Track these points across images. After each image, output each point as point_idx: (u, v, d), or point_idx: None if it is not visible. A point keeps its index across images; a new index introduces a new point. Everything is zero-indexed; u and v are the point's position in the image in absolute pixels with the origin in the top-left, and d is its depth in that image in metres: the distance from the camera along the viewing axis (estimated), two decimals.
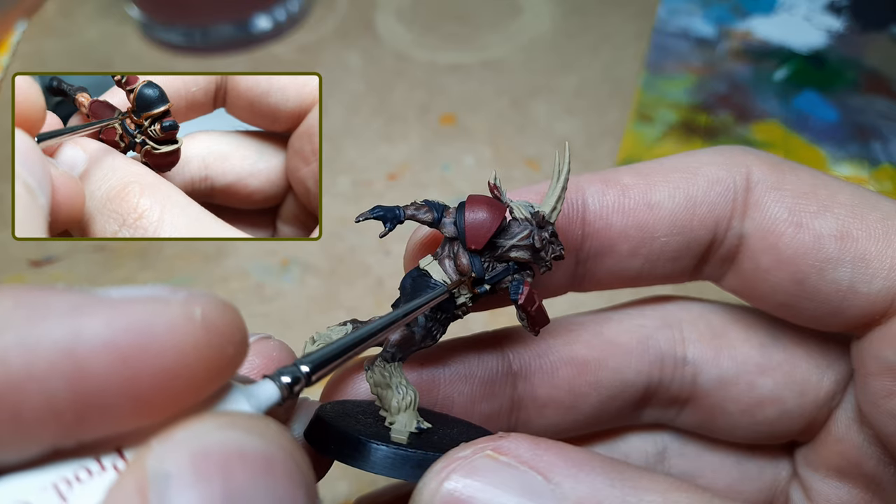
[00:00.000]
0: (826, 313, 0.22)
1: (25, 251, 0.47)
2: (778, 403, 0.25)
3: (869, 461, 0.24)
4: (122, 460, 0.14)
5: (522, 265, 0.22)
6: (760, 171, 0.23)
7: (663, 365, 0.25)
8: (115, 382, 0.13)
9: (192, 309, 0.14)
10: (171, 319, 0.14)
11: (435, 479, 0.17)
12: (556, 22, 0.64)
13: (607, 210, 0.23)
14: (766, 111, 0.52)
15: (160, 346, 0.14)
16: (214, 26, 0.59)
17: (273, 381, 0.16)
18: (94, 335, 0.13)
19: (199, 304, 0.14)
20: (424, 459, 0.18)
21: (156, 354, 0.14)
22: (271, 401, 0.16)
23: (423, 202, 0.22)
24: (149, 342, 0.13)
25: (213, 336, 0.14)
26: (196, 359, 0.14)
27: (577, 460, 0.17)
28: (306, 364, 0.17)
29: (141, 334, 0.13)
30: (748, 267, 0.23)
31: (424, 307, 0.21)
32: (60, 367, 0.13)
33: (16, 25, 0.64)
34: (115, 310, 0.14)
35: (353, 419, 0.21)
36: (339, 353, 0.18)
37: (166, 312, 0.14)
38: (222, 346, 0.15)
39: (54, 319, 0.13)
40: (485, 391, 0.24)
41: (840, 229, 0.21)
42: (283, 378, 0.16)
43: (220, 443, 0.14)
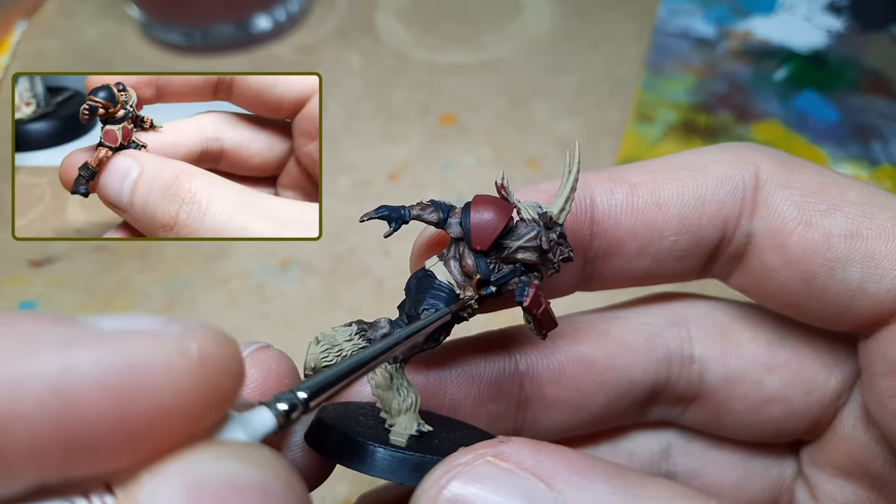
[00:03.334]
0: (834, 313, 0.22)
1: (25, 251, 0.47)
2: (784, 402, 0.24)
3: (875, 461, 0.23)
4: (111, 496, 0.14)
5: (530, 267, 0.21)
6: (769, 168, 0.22)
7: (670, 363, 0.25)
8: (107, 421, 0.13)
9: (189, 344, 0.14)
10: (166, 356, 0.13)
11: (434, 486, 0.16)
12: (556, 22, 0.64)
13: (616, 209, 0.23)
14: (766, 111, 0.52)
15: (154, 384, 0.13)
16: (214, 26, 0.59)
17: (269, 408, 0.16)
18: (84, 372, 0.12)
19: (196, 339, 0.14)
20: (422, 463, 0.18)
21: (150, 393, 0.13)
22: (267, 429, 0.16)
23: (429, 202, 0.21)
24: (143, 380, 0.13)
25: (209, 372, 0.14)
26: (191, 396, 0.13)
27: (579, 467, 0.16)
28: (304, 390, 0.16)
29: (134, 372, 0.13)
30: (756, 266, 0.23)
31: (426, 329, 0.20)
32: (48, 405, 0.12)
33: (16, 25, 0.64)
34: (108, 345, 0.13)
35: (354, 421, 0.20)
36: (337, 379, 0.17)
37: (161, 348, 0.13)
38: (219, 381, 0.14)
39: (43, 354, 0.12)
40: (492, 392, 0.24)
41: (850, 228, 0.21)
42: (279, 405, 0.16)
43: (214, 474, 0.13)
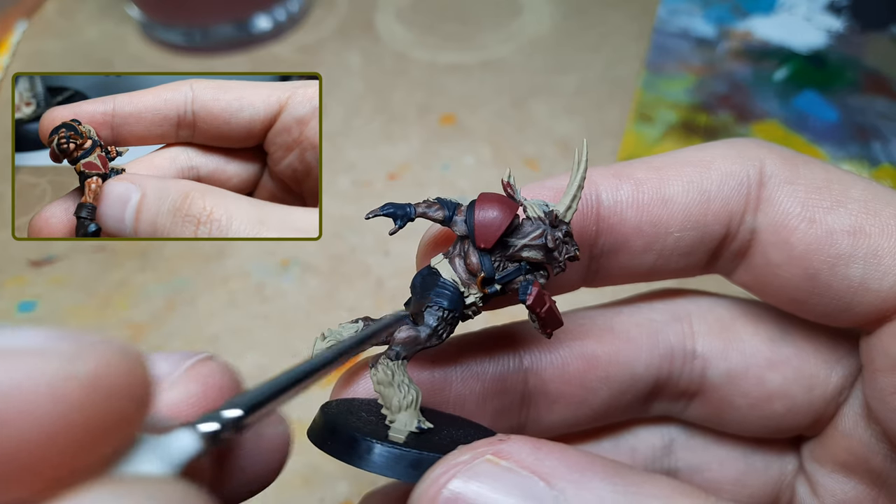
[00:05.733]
0: (836, 309, 0.22)
1: (25, 251, 0.47)
2: (786, 398, 0.24)
3: (875, 457, 0.24)
4: None
5: (535, 265, 0.21)
6: (773, 164, 0.22)
7: (673, 358, 0.25)
8: None
9: (76, 365, 0.12)
10: (49, 378, 0.12)
11: (434, 485, 0.16)
12: (556, 22, 0.64)
13: (622, 205, 0.23)
14: (766, 111, 0.52)
15: (34, 410, 0.11)
16: (214, 26, 0.59)
17: (191, 430, 0.14)
18: None
19: (87, 358, 0.12)
20: (419, 459, 0.18)
21: (28, 420, 0.11)
22: (187, 454, 0.14)
23: (436, 199, 0.21)
24: (20, 406, 0.11)
25: (102, 395, 0.12)
26: (80, 423, 0.12)
27: (579, 465, 0.16)
28: (237, 407, 0.15)
29: (10, 397, 0.11)
30: (760, 262, 0.23)
31: (374, 338, 0.20)
32: None
33: (16, 25, 0.64)
34: None
35: (355, 417, 0.20)
36: (277, 392, 0.16)
37: (45, 369, 0.12)
38: (116, 405, 0.12)
39: None
40: (497, 388, 0.24)
41: (853, 225, 0.21)
42: (202, 427, 0.14)
43: None
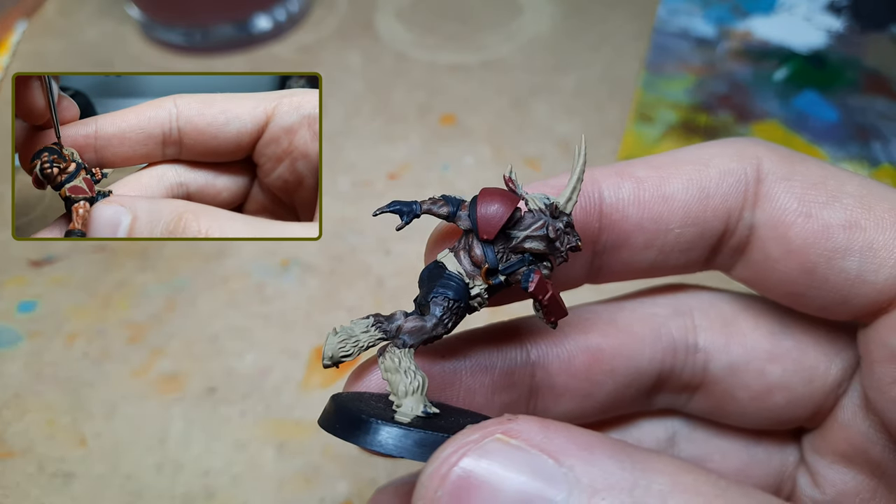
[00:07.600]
0: (834, 302, 0.22)
1: (25, 251, 0.47)
2: (786, 390, 0.25)
3: (874, 448, 0.24)
4: None
5: (538, 256, 0.22)
6: (771, 161, 0.23)
7: (675, 352, 0.25)
8: None
9: None
10: None
11: (445, 464, 0.17)
12: (556, 22, 0.64)
13: (623, 203, 0.23)
14: (766, 111, 0.52)
15: None
16: (214, 26, 0.59)
17: None
18: None
19: None
20: (425, 438, 0.19)
21: None
22: None
23: (441, 196, 0.22)
24: None
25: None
26: None
27: (587, 443, 0.17)
28: None
29: None
30: (758, 257, 0.23)
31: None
32: None
33: (16, 25, 0.64)
34: None
35: (364, 404, 0.21)
36: None
37: None
38: None
39: None
40: (505, 381, 0.24)
41: (848, 219, 0.22)
42: None
43: None
